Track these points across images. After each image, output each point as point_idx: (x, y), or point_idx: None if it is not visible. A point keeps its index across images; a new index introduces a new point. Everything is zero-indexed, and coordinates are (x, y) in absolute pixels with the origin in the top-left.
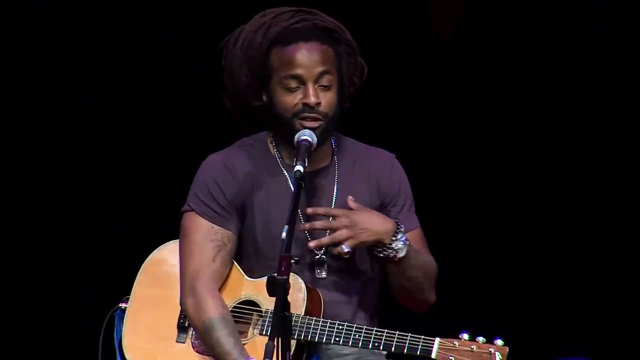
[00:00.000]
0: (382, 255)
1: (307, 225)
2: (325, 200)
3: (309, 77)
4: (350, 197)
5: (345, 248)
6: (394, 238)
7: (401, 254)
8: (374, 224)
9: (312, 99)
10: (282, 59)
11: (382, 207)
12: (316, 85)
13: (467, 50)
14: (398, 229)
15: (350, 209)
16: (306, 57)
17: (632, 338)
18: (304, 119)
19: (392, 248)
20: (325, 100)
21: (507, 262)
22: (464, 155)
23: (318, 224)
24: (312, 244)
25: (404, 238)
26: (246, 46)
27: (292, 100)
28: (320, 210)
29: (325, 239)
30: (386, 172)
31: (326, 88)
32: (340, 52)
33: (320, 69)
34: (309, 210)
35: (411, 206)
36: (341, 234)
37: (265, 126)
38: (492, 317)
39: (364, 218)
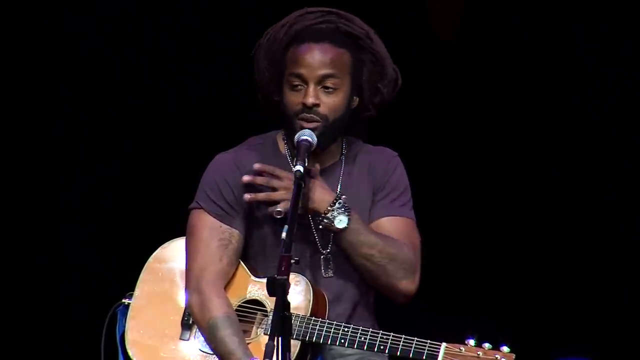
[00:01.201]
0: (321, 226)
1: (246, 178)
2: None
3: (310, 77)
4: (316, 165)
5: (277, 208)
6: (330, 207)
7: (339, 225)
8: (312, 192)
9: (309, 100)
10: (293, 57)
11: (374, 196)
12: (319, 87)
13: (467, 49)
14: (337, 199)
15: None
16: (312, 57)
17: (632, 338)
18: (302, 119)
19: (327, 217)
20: (326, 102)
21: (508, 262)
22: (465, 156)
23: (259, 179)
24: (246, 196)
25: (343, 209)
26: (271, 41)
27: (295, 99)
28: (267, 168)
29: (261, 195)
30: (382, 165)
31: (330, 91)
32: (363, 59)
33: (323, 71)
34: (256, 165)
35: (400, 197)
36: (278, 194)
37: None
38: (492, 317)
39: (305, 186)
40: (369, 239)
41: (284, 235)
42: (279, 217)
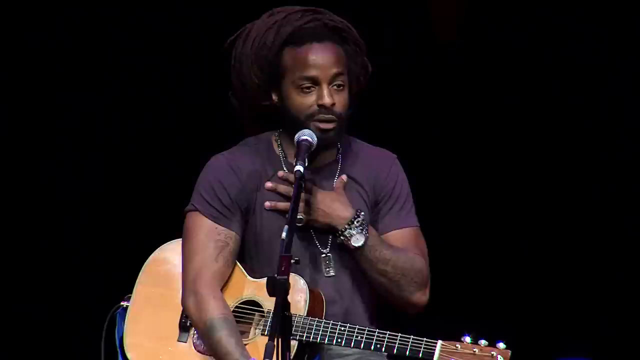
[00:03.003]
0: (338, 241)
1: (269, 184)
2: None
3: (323, 78)
4: (343, 176)
5: (298, 216)
6: (347, 226)
7: (356, 243)
8: (330, 207)
9: (327, 100)
10: (296, 59)
11: (376, 205)
12: (330, 86)
13: (467, 49)
14: (355, 217)
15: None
16: (321, 58)
17: (632, 338)
18: (319, 120)
19: (344, 235)
20: (339, 100)
21: (508, 263)
22: (466, 156)
23: (282, 187)
24: (267, 203)
25: (360, 228)
26: (257, 46)
27: (307, 101)
28: (290, 176)
29: (282, 204)
30: (384, 171)
31: (340, 88)
32: (349, 51)
33: (334, 70)
34: (280, 173)
35: (405, 205)
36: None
37: (272, 126)
38: (492, 317)
39: (325, 199)
40: (383, 255)
41: (283, 235)
42: (299, 224)
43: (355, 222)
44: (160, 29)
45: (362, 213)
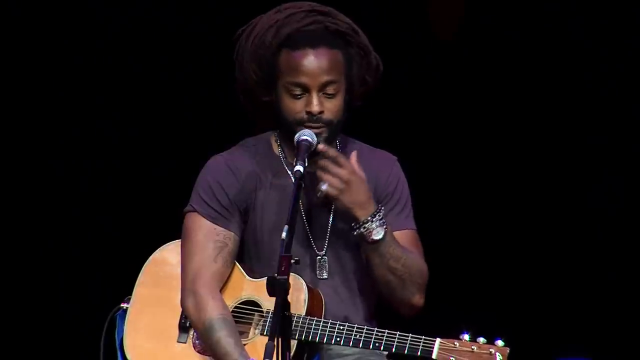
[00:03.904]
0: (356, 232)
1: (321, 146)
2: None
3: (313, 85)
4: (353, 153)
5: (322, 186)
6: (369, 218)
7: (376, 236)
8: (358, 194)
9: (315, 108)
10: (289, 63)
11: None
12: (320, 94)
13: (467, 49)
14: (377, 211)
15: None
16: (312, 65)
17: (632, 338)
18: (307, 127)
19: (365, 227)
20: (329, 107)
21: (508, 262)
22: (465, 155)
23: (322, 162)
24: (321, 146)
25: (382, 222)
26: (257, 44)
27: (296, 107)
28: (332, 152)
29: (319, 172)
30: (384, 173)
31: (331, 96)
32: (352, 54)
33: (325, 78)
34: (320, 146)
35: (405, 208)
36: (327, 175)
37: (275, 120)
38: (492, 317)
39: (357, 184)
40: (396, 252)
41: (283, 235)
42: (318, 194)
43: (377, 215)
44: (161, 29)
45: (383, 208)
